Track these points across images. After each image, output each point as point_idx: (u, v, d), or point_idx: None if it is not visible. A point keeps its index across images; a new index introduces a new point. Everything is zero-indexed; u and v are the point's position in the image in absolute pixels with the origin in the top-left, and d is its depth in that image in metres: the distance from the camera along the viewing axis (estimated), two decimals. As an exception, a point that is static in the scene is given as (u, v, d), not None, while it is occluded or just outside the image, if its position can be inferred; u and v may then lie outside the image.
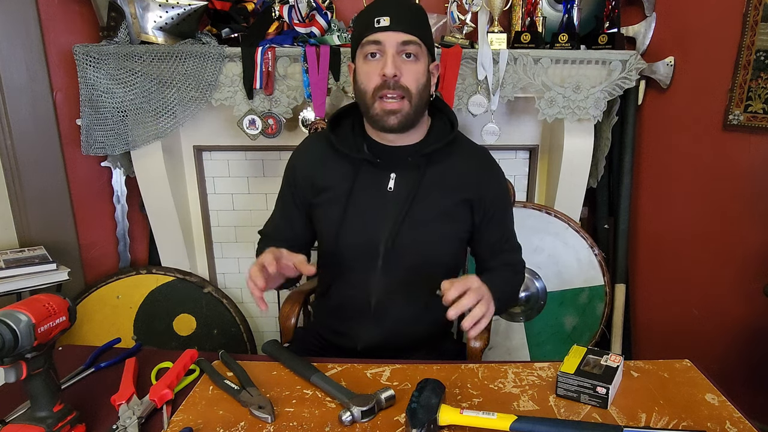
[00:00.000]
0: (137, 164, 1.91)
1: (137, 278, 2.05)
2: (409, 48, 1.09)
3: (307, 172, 1.22)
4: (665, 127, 1.96)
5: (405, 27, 1.08)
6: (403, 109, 1.10)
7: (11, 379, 0.77)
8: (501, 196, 1.24)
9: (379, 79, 1.08)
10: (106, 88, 1.74)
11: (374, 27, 1.07)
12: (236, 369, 1.00)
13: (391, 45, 1.07)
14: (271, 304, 2.25)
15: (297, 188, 1.24)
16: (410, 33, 1.08)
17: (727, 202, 1.78)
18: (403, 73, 1.08)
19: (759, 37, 1.61)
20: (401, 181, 1.17)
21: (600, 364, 0.95)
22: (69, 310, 0.83)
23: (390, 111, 1.09)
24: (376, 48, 1.08)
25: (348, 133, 1.21)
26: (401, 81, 1.08)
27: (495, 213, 1.21)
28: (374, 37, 1.08)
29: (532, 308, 2.03)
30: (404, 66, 1.09)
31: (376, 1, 1.13)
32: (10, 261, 1.69)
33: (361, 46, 1.11)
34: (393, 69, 1.07)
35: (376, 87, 1.09)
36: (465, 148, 1.23)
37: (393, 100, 1.09)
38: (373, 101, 1.10)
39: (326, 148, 1.21)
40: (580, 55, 1.76)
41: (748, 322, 1.76)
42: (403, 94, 1.09)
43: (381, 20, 1.07)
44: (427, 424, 0.80)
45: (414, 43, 1.09)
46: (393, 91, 1.08)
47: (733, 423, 0.86)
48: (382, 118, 1.10)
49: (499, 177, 1.25)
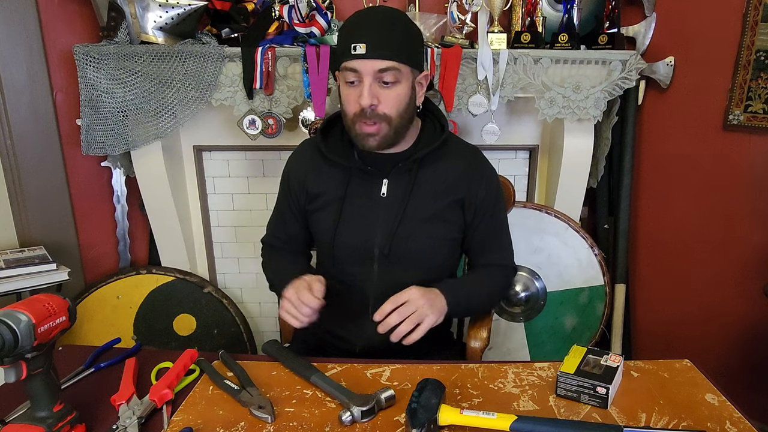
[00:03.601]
0: (137, 164, 1.91)
1: (137, 278, 2.05)
2: (386, 76, 1.06)
3: (301, 179, 1.24)
4: (665, 127, 1.96)
5: (382, 53, 1.05)
6: (380, 132, 1.10)
7: (11, 379, 0.77)
8: (491, 195, 1.23)
9: (357, 106, 1.08)
10: (106, 88, 1.74)
11: (350, 54, 1.05)
12: (236, 369, 1.00)
13: (368, 74, 1.05)
14: (271, 304, 2.25)
15: (292, 194, 1.27)
16: (388, 59, 1.05)
17: (727, 202, 1.78)
18: (381, 100, 1.08)
19: (759, 37, 1.61)
20: (394, 186, 1.18)
21: (600, 364, 0.95)
22: (69, 310, 0.83)
23: (368, 134, 1.10)
24: (353, 75, 1.07)
25: (338, 141, 1.22)
26: (378, 109, 1.08)
27: (485, 212, 1.21)
28: (351, 65, 1.06)
29: (532, 308, 2.03)
30: (382, 93, 1.07)
31: (356, 20, 1.10)
32: (10, 261, 1.69)
33: (341, 69, 1.10)
34: (369, 100, 1.06)
35: (354, 113, 1.09)
36: (456, 150, 1.24)
37: (371, 125, 1.09)
38: (353, 124, 1.11)
39: (317, 155, 1.23)
40: (580, 55, 1.76)
41: (748, 322, 1.76)
42: (381, 120, 1.09)
43: (357, 47, 1.04)
44: (427, 424, 0.80)
45: (392, 69, 1.06)
46: (371, 119, 1.08)
47: (733, 423, 0.86)
48: (361, 140, 1.12)
49: (489, 176, 1.24)
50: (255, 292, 2.24)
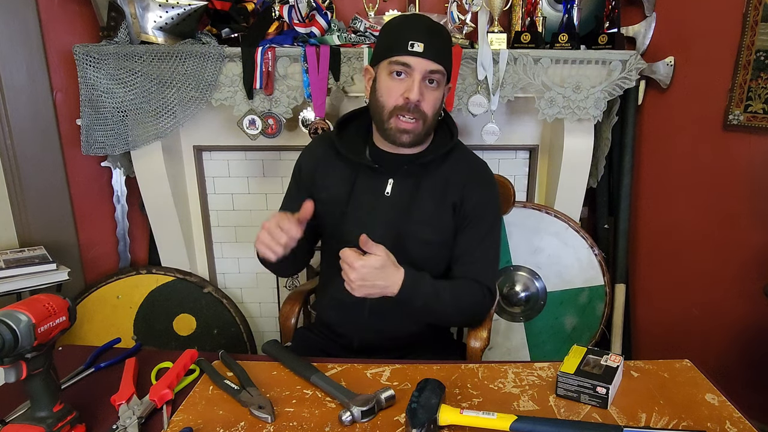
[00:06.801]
0: (137, 164, 1.91)
1: (137, 278, 2.05)
2: (434, 76, 1.13)
3: (311, 172, 1.27)
4: (665, 127, 1.96)
5: (435, 56, 1.11)
6: (416, 129, 1.15)
7: (11, 379, 0.77)
8: (483, 203, 1.22)
9: (402, 99, 1.12)
10: (106, 88, 1.74)
11: (407, 49, 1.10)
12: (236, 369, 1.00)
13: (420, 71, 1.11)
14: (271, 305, 2.25)
15: (302, 185, 1.29)
16: (439, 62, 1.12)
17: (727, 202, 1.78)
18: (425, 98, 1.13)
19: (759, 37, 1.61)
20: (398, 186, 1.21)
21: (600, 364, 0.95)
22: (69, 310, 0.83)
23: (404, 130, 1.14)
24: (403, 69, 1.12)
25: (353, 137, 1.25)
26: (421, 106, 1.13)
27: (472, 219, 1.21)
28: (405, 60, 1.11)
29: (532, 308, 2.03)
30: (426, 92, 1.13)
31: (411, 21, 1.16)
32: (10, 261, 1.69)
33: (390, 62, 1.13)
34: (418, 95, 1.11)
35: (396, 106, 1.13)
36: (462, 158, 1.26)
37: (410, 120, 1.13)
38: (390, 117, 1.15)
39: (330, 150, 1.26)
40: (580, 55, 1.76)
41: (748, 322, 1.76)
42: (420, 117, 1.14)
43: (415, 45, 1.10)
44: (427, 424, 0.80)
45: (439, 72, 1.13)
46: (411, 114, 1.13)
47: (733, 423, 0.86)
48: (395, 134, 1.15)
49: (487, 187, 1.24)
50: (255, 292, 2.24)
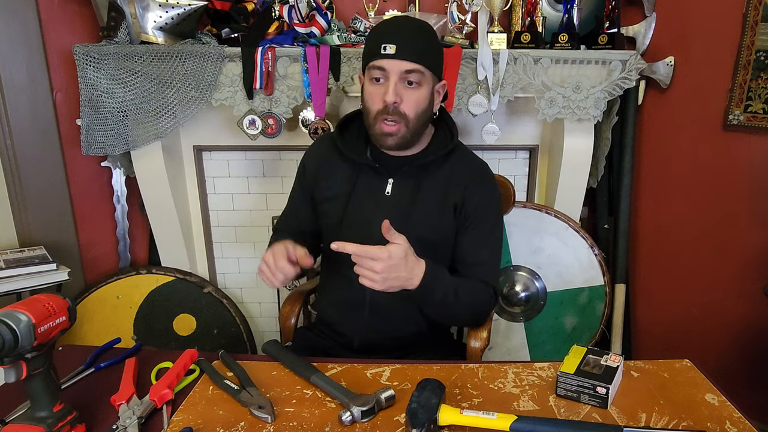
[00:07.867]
0: (137, 164, 1.91)
1: (137, 278, 2.05)
2: (411, 76, 1.13)
3: (315, 172, 1.29)
4: (665, 127, 1.96)
5: (409, 55, 1.11)
6: (399, 132, 1.16)
7: (11, 379, 0.77)
8: (485, 206, 1.22)
9: (381, 103, 1.14)
10: (106, 88, 1.74)
11: (380, 53, 1.12)
12: (236, 369, 1.00)
13: (395, 73, 1.12)
14: (271, 305, 2.25)
15: (305, 185, 1.31)
16: (414, 62, 1.12)
17: (727, 202, 1.78)
18: (404, 99, 1.14)
19: (759, 37, 1.61)
20: (398, 187, 1.22)
21: (600, 364, 0.95)
22: (69, 310, 0.83)
23: (387, 133, 1.16)
24: (380, 74, 1.14)
25: (354, 137, 1.27)
26: (400, 108, 1.14)
27: (474, 220, 1.21)
28: (379, 63, 1.13)
29: (532, 308, 2.03)
30: (405, 93, 1.14)
31: (386, 25, 1.17)
32: (10, 261, 1.69)
33: (368, 68, 1.16)
34: (393, 97, 1.12)
35: (378, 110, 1.15)
36: (463, 159, 1.26)
37: (391, 123, 1.14)
38: (375, 122, 1.17)
39: (332, 150, 1.27)
40: (580, 55, 1.76)
41: (748, 322, 1.76)
42: (401, 119, 1.14)
43: (387, 47, 1.11)
44: (427, 424, 0.80)
45: (417, 72, 1.13)
46: (391, 116, 1.14)
47: (733, 423, 0.86)
48: (380, 138, 1.17)
49: (488, 189, 1.24)
50: (255, 292, 2.24)
